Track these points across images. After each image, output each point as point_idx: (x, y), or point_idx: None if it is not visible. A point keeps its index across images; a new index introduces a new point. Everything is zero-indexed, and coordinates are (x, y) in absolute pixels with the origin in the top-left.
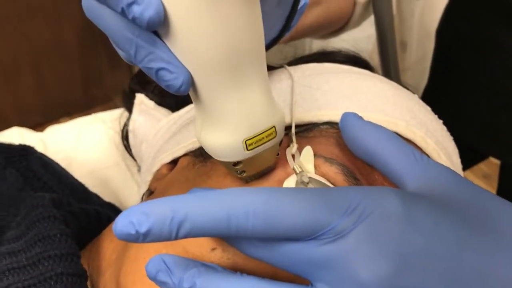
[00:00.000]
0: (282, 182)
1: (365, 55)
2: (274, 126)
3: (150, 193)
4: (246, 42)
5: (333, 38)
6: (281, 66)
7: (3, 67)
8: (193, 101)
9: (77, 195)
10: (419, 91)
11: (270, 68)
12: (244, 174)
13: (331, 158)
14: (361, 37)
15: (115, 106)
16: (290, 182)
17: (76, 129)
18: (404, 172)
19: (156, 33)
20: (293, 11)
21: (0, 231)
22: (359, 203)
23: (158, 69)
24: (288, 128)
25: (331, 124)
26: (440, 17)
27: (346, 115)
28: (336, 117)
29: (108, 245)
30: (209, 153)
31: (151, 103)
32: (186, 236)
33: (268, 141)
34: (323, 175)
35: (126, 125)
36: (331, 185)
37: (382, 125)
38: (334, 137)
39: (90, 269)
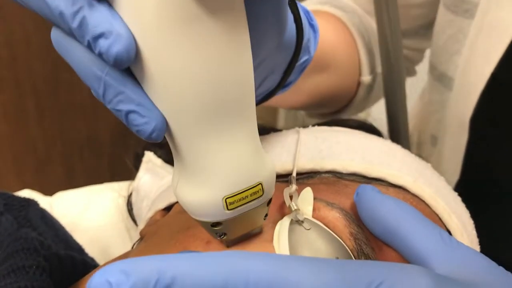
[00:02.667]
0: (276, 223)
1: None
2: (260, 183)
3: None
4: (231, 86)
5: None
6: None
7: (37, 156)
8: (171, 148)
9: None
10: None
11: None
12: (225, 238)
13: (332, 202)
14: None
15: None
16: (285, 222)
17: (85, 196)
18: (431, 255)
19: (130, 70)
20: (296, 52)
21: None
22: (383, 280)
23: (128, 112)
24: (288, 175)
25: (333, 173)
26: (474, 105)
27: (362, 188)
28: (339, 166)
29: None
30: (185, 210)
31: (158, 161)
32: None
33: (253, 200)
34: (322, 219)
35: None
36: (328, 230)
37: (387, 179)
38: (336, 185)
39: None
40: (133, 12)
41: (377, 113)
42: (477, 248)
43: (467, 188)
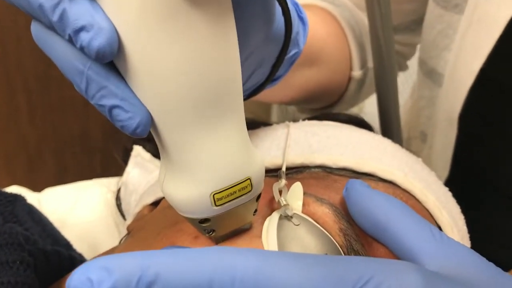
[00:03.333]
0: (265, 219)
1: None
2: (249, 178)
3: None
4: (218, 80)
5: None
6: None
7: (28, 153)
8: (156, 143)
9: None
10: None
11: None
12: (213, 234)
13: (322, 198)
14: None
15: None
16: (274, 218)
17: (74, 192)
18: (421, 251)
19: (114, 64)
20: (285, 45)
21: None
22: (371, 277)
23: (112, 107)
24: (277, 170)
25: (323, 168)
26: (463, 101)
27: (352, 182)
28: (329, 161)
29: None
30: (172, 206)
31: (147, 155)
32: None
33: (242, 195)
34: (311, 215)
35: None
36: (317, 225)
37: (377, 173)
38: (326, 180)
39: None
40: (115, 4)
41: (370, 107)
42: (468, 243)
43: (457, 184)
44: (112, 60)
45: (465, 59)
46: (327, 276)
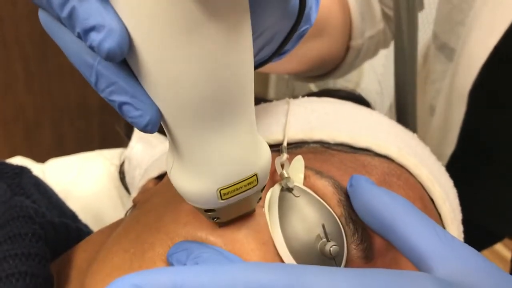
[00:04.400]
0: (268, 190)
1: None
2: (256, 174)
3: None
4: (230, 83)
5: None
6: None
7: (26, 121)
8: (165, 131)
9: (65, 218)
10: (444, 159)
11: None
12: (218, 221)
13: (321, 171)
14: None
15: None
16: (276, 190)
17: (77, 163)
18: (431, 255)
19: (125, 60)
20: (298, 21)
21: None
22: None
23: (121, 103)
24: (278, 145)
25: (321, 143)
26: (474, 78)
27: (356, 178)
28: (327, 137)
29: (81, 255)
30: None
31: None
32: None
33: (248, 189)
34: (311, 187)
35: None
36: (317, 197)
37: (373, 148)
38: (324, 155)
39: (58, 278)
40: (127, 6)
41: (367, 83)
42: (459, 215)
43: (462, 159)
44: None
45: (479, 36)
46: None
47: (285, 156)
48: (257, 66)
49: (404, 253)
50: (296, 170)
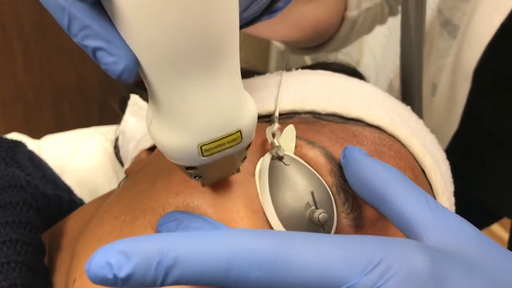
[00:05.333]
0: (259, 159)
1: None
2: (240, 131)
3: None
4: (213, 28)
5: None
6: None
7: (25, 102)
8: (144, 84)
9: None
10: (447, 138)
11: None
12: (201, 180)
13: (313, 141)
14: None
15: None
16: (266, 158)
17: (73, 140)
18: (422, 224)
19: (98, 1)
20: None
21: None
22: (382, 260)
23: (95, 49)
24: (269, 115)
25: (312, 113)
26: (479, 56)
27: (349, 149)
28: (318, 107)
29: (72, 225)
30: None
31: (144, 104)
32: (175, 284)
33: (231, 147)
34: (303, 156)
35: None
36: (307, 165)
37: (364, 119)
38: (315, 125)
39: (50, 247)
40: None
41: (367, 58)
42: (451, 187)
43: (465, 139)
44: None
45: (485, 13)
46: (339, 259)
47: (276, 125)
48: (247, 23)
49: (394, 222)
50: (287, 139)
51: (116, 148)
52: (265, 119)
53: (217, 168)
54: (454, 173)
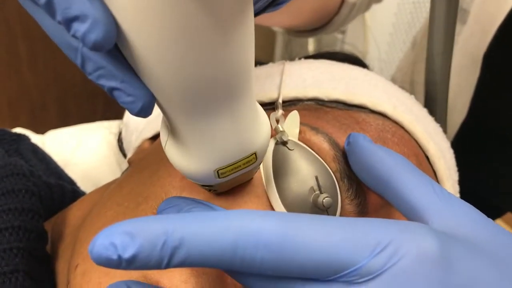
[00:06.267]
0: None
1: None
2: (255, 153)
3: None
4: (229, 71)
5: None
6: None
7: (31, 104)
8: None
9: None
10: (454, 127)
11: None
12: (215, 191)
13: (316, 127)
14: None
15: None
16: (270, 144)
17: (77, 134)
18: (427, 209)
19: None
20: None
21: None
22: (390, 241)
23: (111, 89)
24: (272, 103)
25: (315, 100)
26: (490, 41)
27: (354, 136)
28: (321, 94)
29: (75, 213)
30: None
31: None
32: (180, 265)
33: (246, 167)
34: (307, 142)
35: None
36: (311, 151)
37: (367, 105)
38: (318, 111)
39: (53, 234)
40: None
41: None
42: (456, 176)
43: (474, 127)
44: None
45: None
46: (346, 241)
47: (280, 111)
48: (264, 8)
49: (399, 208)
50: (291, 125)
51: (120, 141)
52: (268, 106)
53: (232, 182)
54: (459, 165)
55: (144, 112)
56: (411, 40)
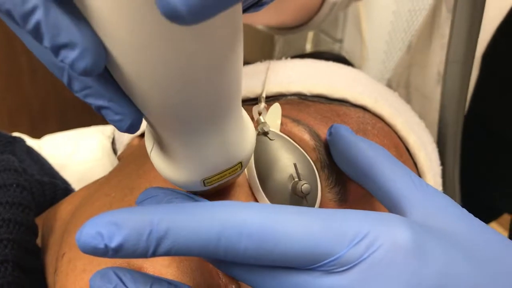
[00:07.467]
0: None
1: None
2: (240, 162)
3: None
4: (217, 92)
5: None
6: None
7: (31, 115)
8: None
9: None
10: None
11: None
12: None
13: (298, 119)
14: None
15: None
16: None
17: (73, 139)
18: (406, 200)
19: None
20: None
21: None
22: (367, 233)
23: (99, 107)
24: (257, 98)
25: (298, 95)
26: (489, 40)
27: (336, 127)
28: (304, 89)
29: (66, 208)
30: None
31: None
32: (165, 254)
33: (232, 175)
34: (288, 133)
35: None
36: (291, 141)
37: (349, 99)
38: (300, 105)
39: (44, 229)
40: (103, 18)
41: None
42: (437, 168)
43: (474, 127)
44: None
45: None
46: (328, 230)
47: (262, 105)
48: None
49: (379, 198)
50: (273, 117)
51: (114, 144)
52: (253, 101)
53: (217, 187)
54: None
55: (132, 129)
56: (407, 45)
